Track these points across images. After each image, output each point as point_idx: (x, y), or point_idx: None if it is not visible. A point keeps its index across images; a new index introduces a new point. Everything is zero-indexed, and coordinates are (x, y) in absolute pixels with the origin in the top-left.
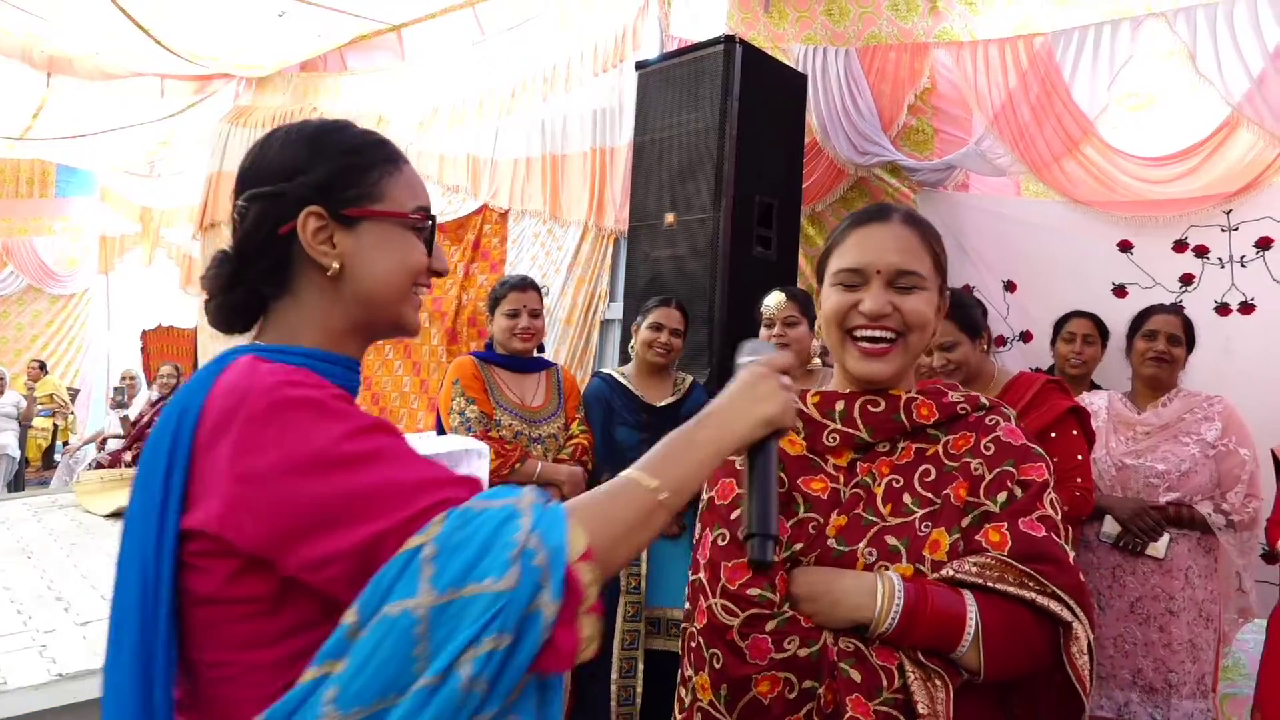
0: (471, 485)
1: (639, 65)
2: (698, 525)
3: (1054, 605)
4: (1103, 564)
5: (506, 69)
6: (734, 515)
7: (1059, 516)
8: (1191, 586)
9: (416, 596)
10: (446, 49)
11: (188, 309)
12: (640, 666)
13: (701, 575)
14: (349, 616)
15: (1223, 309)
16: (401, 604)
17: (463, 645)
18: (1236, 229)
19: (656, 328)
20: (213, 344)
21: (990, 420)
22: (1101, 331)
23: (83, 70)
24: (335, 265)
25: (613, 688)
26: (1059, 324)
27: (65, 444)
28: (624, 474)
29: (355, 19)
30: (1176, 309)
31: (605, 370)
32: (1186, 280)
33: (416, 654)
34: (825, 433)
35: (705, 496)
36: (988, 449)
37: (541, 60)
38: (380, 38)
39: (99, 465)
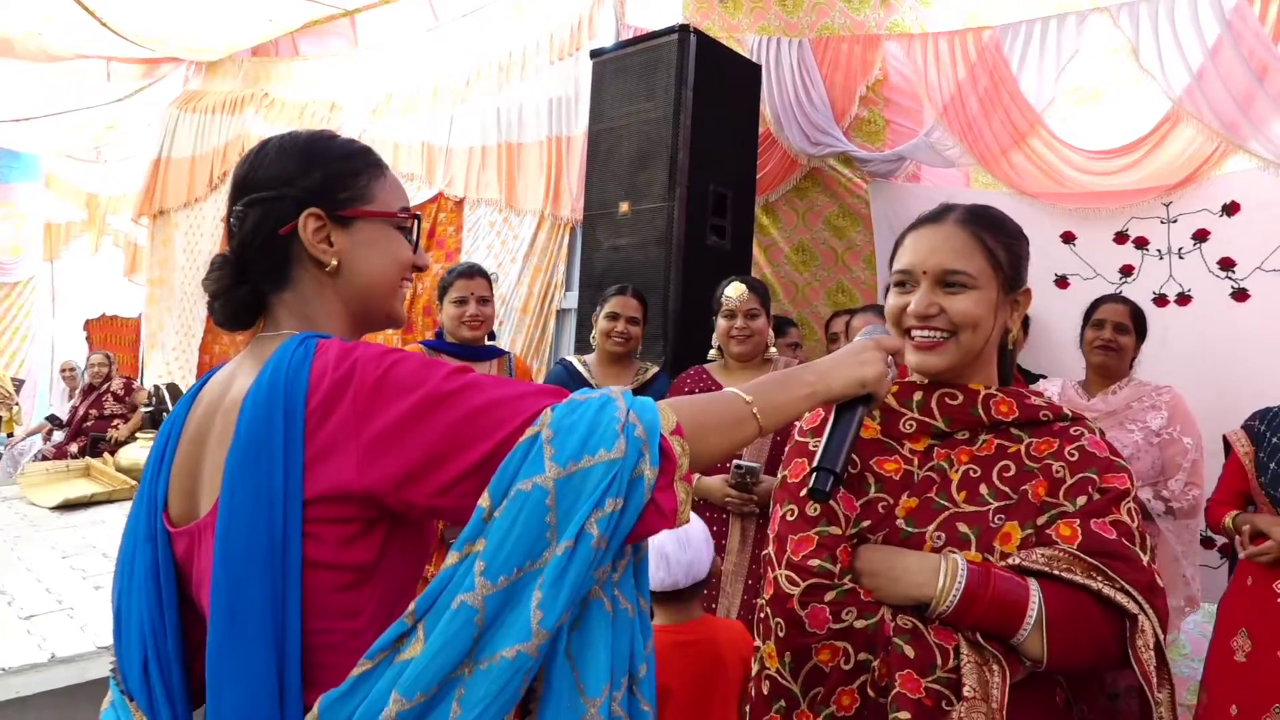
0: (562, 393)
1: (594, 54)
2: (771, 503)
3: (1120, 597)
4: None
5: (461, 56)
6: (803, 492)
7: (1135, 525)
8: None
9: (544, 472)
10: (400, 35)
11: (133, 297)
12: None
13: (771, 549)
14: (483, 501)
15: (1160, 300)
16: (531, 480)
17: (590, 509)
18: (1175, 221)
19: (613, 317)
20: (159, 334)
21: (1075, 431)
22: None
23: (24, 51)
24: (334, 261)
25: None
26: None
27: (9, 435)
28: (732, 390)
29: (308, 3)
30: (1124, 298)
31: (568, 358)
32: (1126, 271)
33: (549, 521)
34: (902, 420)
35: (780, 475)
36: (1072, 455)
37: (497, 48)
38: (333, 23)
39: (44, 458)
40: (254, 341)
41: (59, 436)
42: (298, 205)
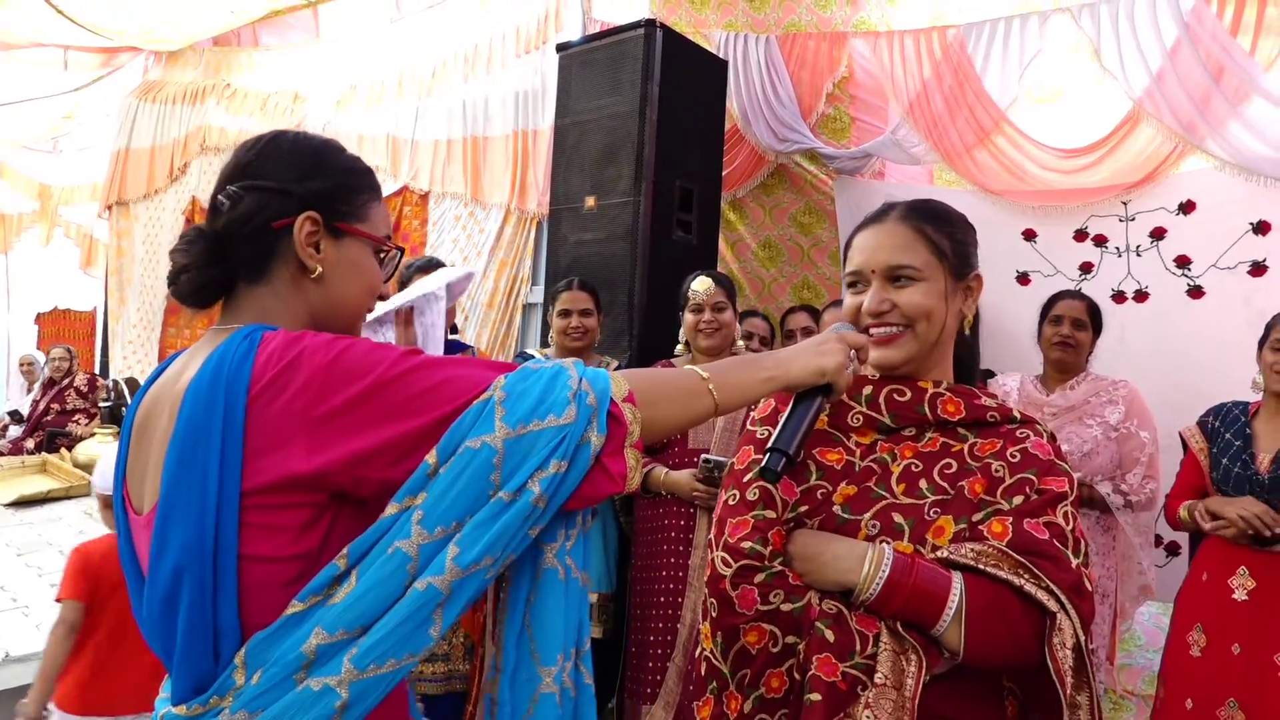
0: (515, 366)
1: (560, 47)
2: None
3: (1042, 595)
4: None
5: (426, 49)
6: (746, 478)
7: (1070, 528)
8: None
9: (494, 432)
10: (363, 27)
11: (87, 290)
12: None
13: (712, 532)
14: (430, 458)
15: (1119, 296)
16: (481, 438)
17: (535, 468)
18: (1134, 219)
19: (565, 314)
20: (115, 326)
21: (1021, 433)
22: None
23: None
24: (319, 269)
25: None
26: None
27: None
28: (689, 367)
29: None
30: (1081, 294)
31: (529, 350)
32: (1086, 269)
33: (493, 480)
34: (850, 413)
35: (728, 464)
36: (1014, 456)
37: (462, 40)
38: (295, 14)
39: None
40: (210, 332)
41: (15, 432)
42: (299, 204)
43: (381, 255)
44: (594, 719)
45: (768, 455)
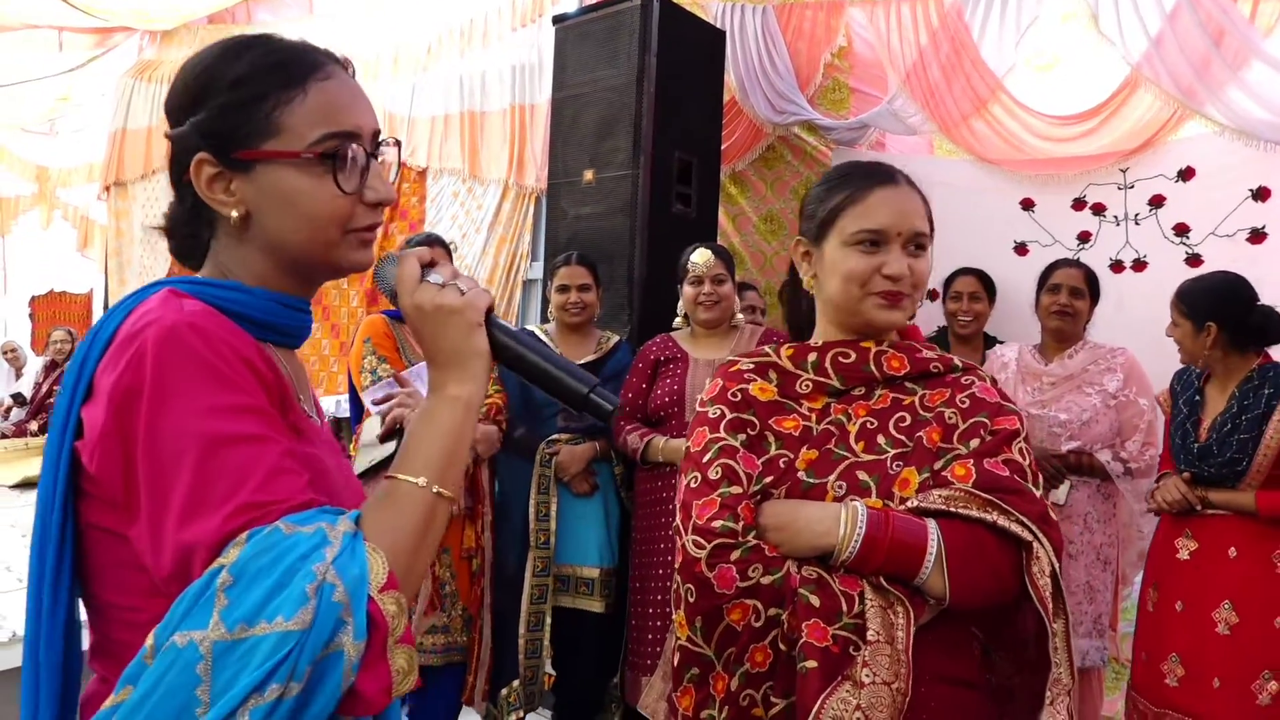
0: (298, 502)
1: (556, 19)
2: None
3: (1015, 527)
4: None
5: (422, 23)
6: (706, 459)
7: (1027, 463)
8: (1090, 531)
9: (205, 629)
10: (357, 2)
11: (85, 273)
12: (548, 621)
13: (678, 519)
14: (149, 640)
15: (1117, 266)
16: (188, 634)
17: (245, 692)
18: (1132, 187)
19: (563, 289)
20: None
21: (966, 380)
22: (988, 288)
23: None
24: (234, 214)
25: (520, 640)
26: (947, 282)
27: None
28: (401, 477)
29: None
30: (1079, 263)
31: (529, 327)
32: (1084, 238)
33: (199, 694)
34: (799, 381)
35: (684, 446)
36: (963, 402)
37: (458, 14)
38: None
39: (3, 435)
40: None
41: (19, 414)
42: (189, 150)
43: (329, 160)
44: None
45: (592, 395)
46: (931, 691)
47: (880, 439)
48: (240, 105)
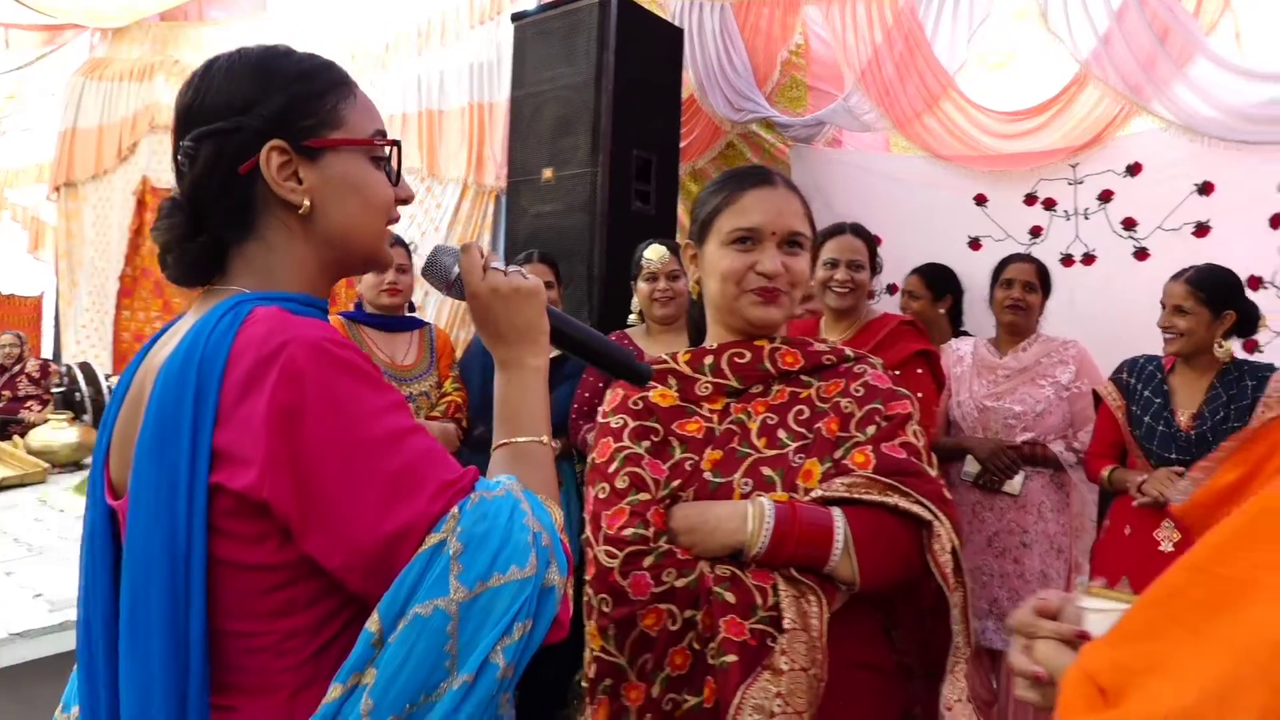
0: (473, 474)
1: (515, 17)
2: (585, 489)
3: (916, 508)
4: (963, 501)
5: (379, 21)
6: (612, 469)
7: (922, 444)
8: (1044, 520)
9: (448, 594)
10: (311, 1)
11: (35, 275)
12: None
13: (588, 532)
14: (372, 625)
15: (1067, 260)
16: (431, 603)
17: (497, 637)
18: (1081, 182)
19: None
20: (67, 311)
21: (859, 369)
22: (930, 285)
23: None
24: (306, 202)
25: None
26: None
27: None
28: (523, 439)
29: None
30: (1030, 257)
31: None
32: (1035, 232)
33: (448, 650)
34: (697, 384)
35: (589, 459)
36: (858, 391)
37: (416, 12)
38: None
39: None
40: (203, 295)
41: None
42: (258, 137)
43: (378, 157)
44: None
45: (633, 367)
46: (846, 677)
47: (781, 433)
48: (308, 97)
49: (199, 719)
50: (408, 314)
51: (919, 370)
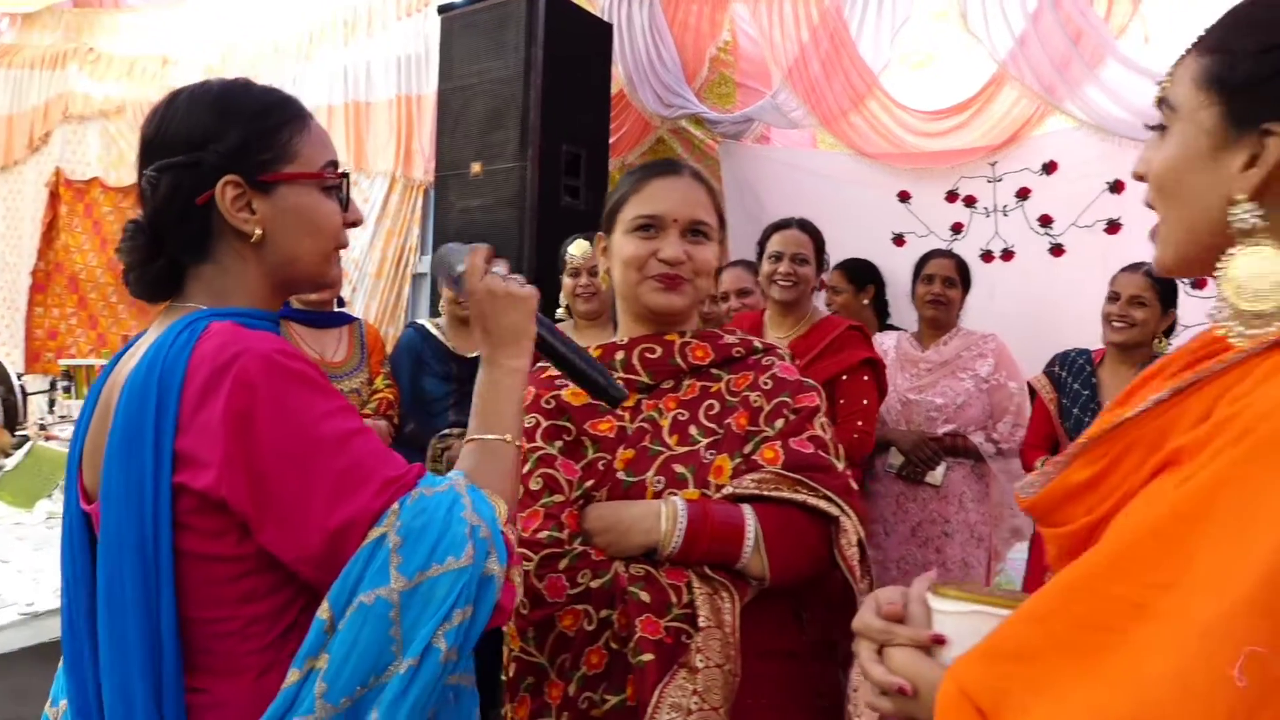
0: (417, 470)
1: (442, 10)
2: None
3: (823, 504)
4: (888, 492)
5: (302, 10)
6: (525, 469)
7: (829, 436)
8: (965, 510)
9: (389, 584)
10: None
11: None
12: None
13: None
14: (323, 612)
15: (987, 255)
16: (374, 592)
17: (438, 623)
18: (1000, 180)
19: None
20: None
21: (767, 361)
22: (851, 279)
23: None
24: (258, 231)
25: None
26: None
27: None
28: (483, 438)
29: None
30: (950, 253)
31: (420, 321)
32: (957, 229)
33: (393, 635)
34: None
35: None
36: (766, 384)
37: (340, 3)
38: None
39: None
40: (164, 313)
41: None
42: (214, 171)
43: (329, 186)
44: None
45: (606, 390)
46: (760, 666)
47: (692, 429)
48: (264, 133)
49: (174, 699)
50: (336, 309)
51: (865, 378)
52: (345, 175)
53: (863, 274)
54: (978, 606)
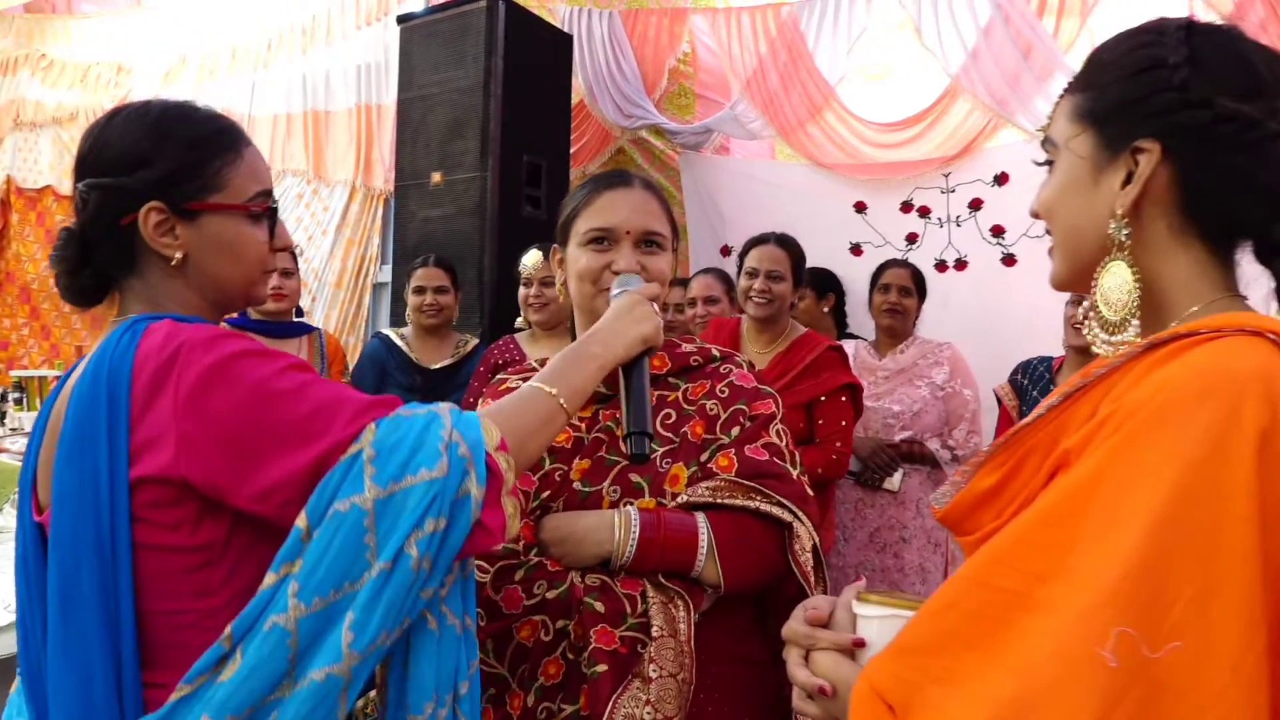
0: (392, 402)
1: (401, 19)
2: None
3: (776, 510)
4: (847, 498)
5: (261, 18)
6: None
7: (784, 443)
8: (921, 516)
9: (363, 493)
10: None
11: None
12: None
13: None
14: (300, 521)
15: (941, 265)
16: (349, 500)
17: (409, 530)
18: (954, 191)
19: (419, 291)
20: None
21: (724, 369)
22: (816, 287)
23: None
24: (178, 255)
25: None
26: None
27: None
28: (527, 385)
29: None
30: (906, 263)
31: (385, 331)
32: (912, 239)
33: (367, 542)
34: None
35: None
36: (722, 392)
37: (299, 10)
38: None
39: None
40: (105, 327)
41: None
42: (138, 197)
43: (257, 214)
44: None
45: (631, 440)
46: (722, 671)
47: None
48: (195, 164)
49: (134, 698)
50: (295, 319)
51: (843, 399)
52: (274, 206)
53: (825, 282)
54: (894, 610)
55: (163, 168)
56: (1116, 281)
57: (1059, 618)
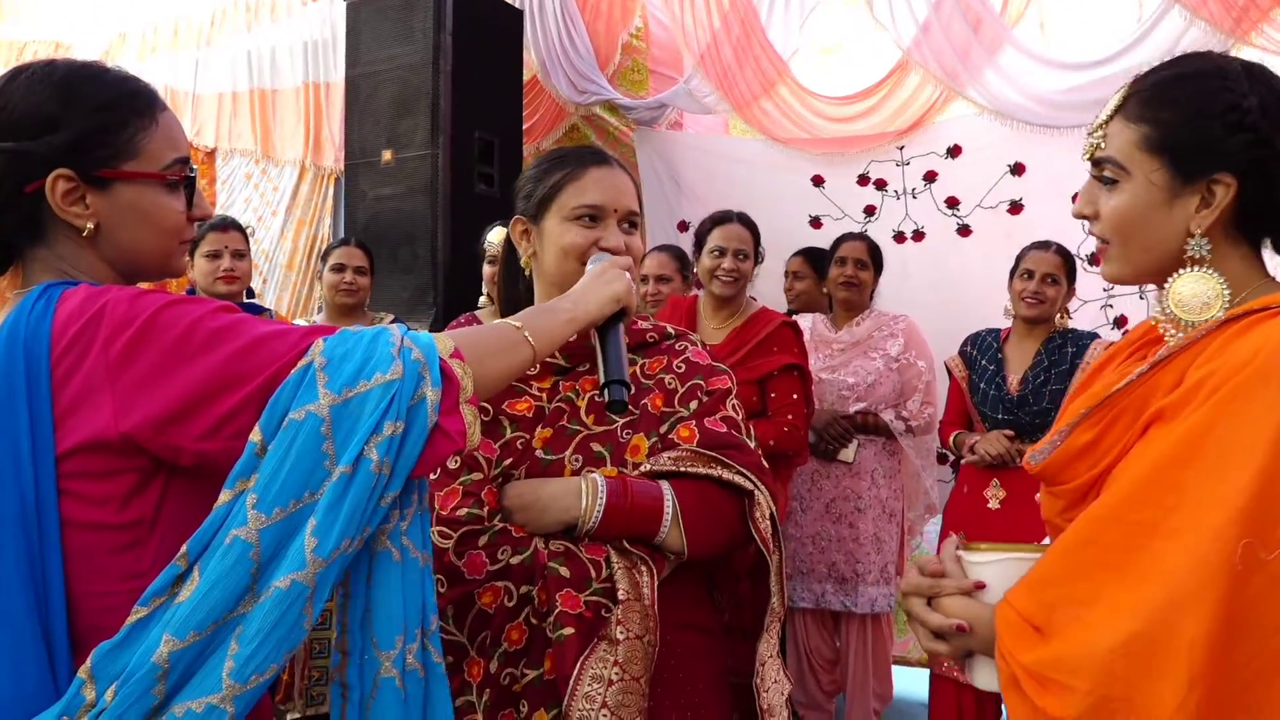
0: (332, 329)
1: None
2: None
3: (738, 479)
4: (803, 470)
5: None
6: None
7: (740, 417)
8: (876, 486)
9: (318, 400)
10: None
11: None
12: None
13: None
14: (254, 436)
15: (899, 237)
16: (305, 408)
17: (368, 434)
18: (908, 164)
19: (339, 268)
20: None
21: (680, 346)
22: (817, 267)
23: None
24: (90, 226)
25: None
26: None
27: None
28: (507, 320)
29: None
30: (863, 236)
31: (298, 320)
32: (869, 211)
33: (325, 450)
34: None
35: None
36: (679, 368)
37: None
38: None
39: None
40: (11, 296)
41: None
42: (45, 163)
43: (173, 182)
44: (447, 698)
45: (608, 389)
46: (676, 638)
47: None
48: (105, 129)
49: (69, 682)
50: (246, 300)
51: (795, 373)
52: (189, 176)
53: (825, 262)
54: (1007, 555)
55: (71, 132)
56: (1195, 289)
57: (1196, 536)
